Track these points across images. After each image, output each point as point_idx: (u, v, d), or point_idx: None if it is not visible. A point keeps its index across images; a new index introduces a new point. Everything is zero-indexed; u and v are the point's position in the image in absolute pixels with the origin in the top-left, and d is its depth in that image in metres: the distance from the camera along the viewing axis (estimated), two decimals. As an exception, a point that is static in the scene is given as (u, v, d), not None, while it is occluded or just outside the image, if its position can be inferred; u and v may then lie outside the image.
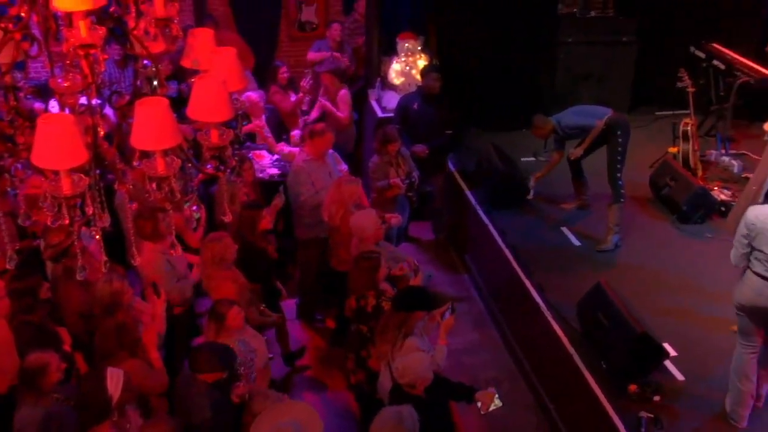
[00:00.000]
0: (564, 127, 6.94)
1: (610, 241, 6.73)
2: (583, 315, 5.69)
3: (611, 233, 6.74)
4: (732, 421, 4.84)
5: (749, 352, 4.75)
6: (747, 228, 4.56)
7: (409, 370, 4.34)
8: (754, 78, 8.09)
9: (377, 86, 8.65)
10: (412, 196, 6.96)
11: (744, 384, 4.76)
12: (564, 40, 9.09)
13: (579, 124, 6.90)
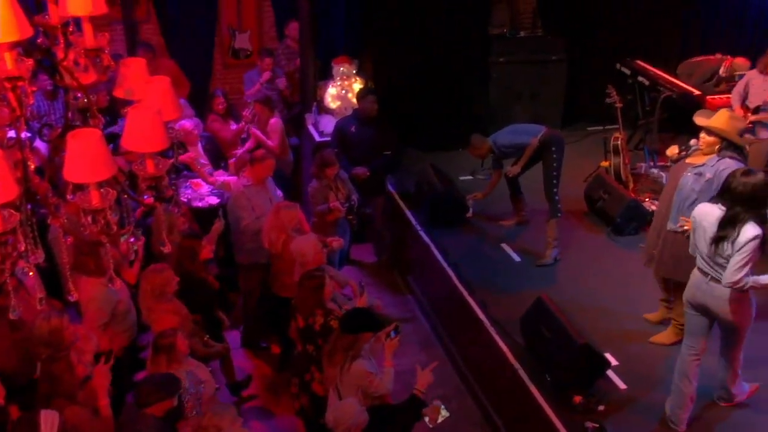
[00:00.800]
0: (500, 146, 7.07)
1: (549, 255, 6.86)
2: (526, 329, 5.76)
3: (550, 248, 6.87)
4: (671, 424, 4.94)
5: (692, 354, 4.88)
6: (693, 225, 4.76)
7: (341, 420, 4.28)
8: (676, 92, 8.40)
9: (314, 111, 8.66)
10: (352, 219, 6.97)
11: (685, 385, 4.88)
12: (496, 60, 9.29)
13: (514, 143, 7.03)
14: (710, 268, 4.63)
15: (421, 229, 7.40)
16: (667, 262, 5.49)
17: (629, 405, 5.22)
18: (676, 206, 5.28)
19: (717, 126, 5.11)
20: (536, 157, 6.98)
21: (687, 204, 5.18)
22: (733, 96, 7.44)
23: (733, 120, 5.16)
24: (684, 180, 5.22)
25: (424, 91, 8.86)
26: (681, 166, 5.37)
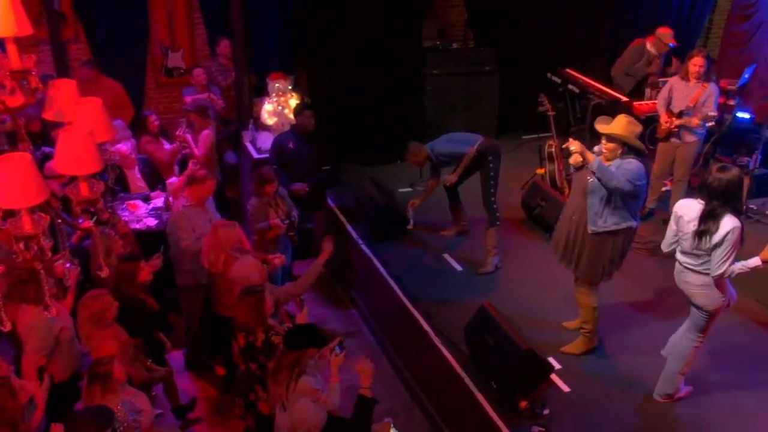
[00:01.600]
0: (437, 155, 7.14)
1: (490, 263, 6.95)
2: (470, 338, 5.81)
3: (491, 256, 6.96)
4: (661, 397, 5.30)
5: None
6: (673, 219, 5.01)
7: (299, 423, 4.26)
8: (605, 99, 8.63)
9: (251, 128, 8.61)
10: (293, 235, 6.93)
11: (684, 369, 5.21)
12: (429, 72, 9.40)
13: (451, 152, 7.11)
14: (686, 259, 4.93)
15: (362, 243, 7.41)
16: (588, 269, 5.56)
17: (574, 407, 5.31)
18: (591, 209, 5.38)
19: (616, 132, 5.26)
20: (473, 167, 7.07)
21: (601, 205, 5.32)
22: (658, 101, 7.67)
23: (631, 125, 5.30)
24: (593, 183, 5.33)
25: (360, 105, 8.89)
26: (585, 171, 5.45)
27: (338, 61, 8.79)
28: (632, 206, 5.37)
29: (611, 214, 5.32)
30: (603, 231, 5.37)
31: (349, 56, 8.75)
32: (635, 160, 5.27)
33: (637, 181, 5.23)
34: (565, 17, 9.81)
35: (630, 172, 5.20)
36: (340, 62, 8.79)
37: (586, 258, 5.52)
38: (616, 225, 5.35)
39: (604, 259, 5.47)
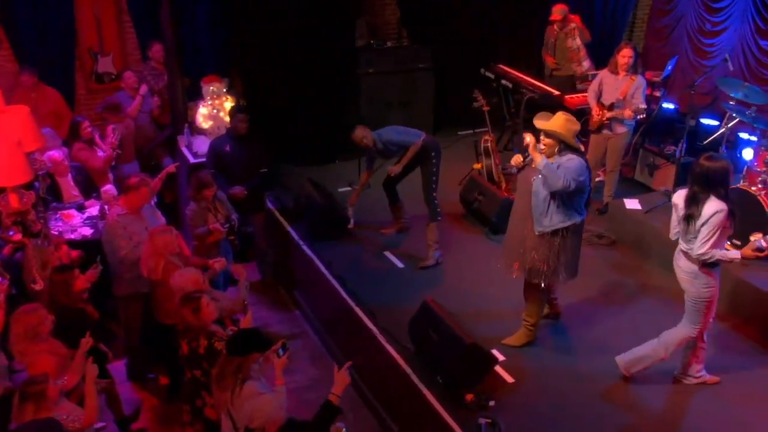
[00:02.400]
0: (385, 142, 7.15)
1: (431, 257, 7.03)
2: (414, 334, 5.86)
3: (432, 250, 7.04)
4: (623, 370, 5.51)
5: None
6: (673, 208, 5.23)
7: (259, 413, 4.27)
8: (537, 93, 8.79)
9: (186, 132, 8.49)
10: (234, 239, 6.87)
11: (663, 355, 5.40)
12: (364, 71, 9.43)
13: (400, 141, 7.16)
14: (682, 244, 5.15)
15: (303, 244, 7.39)
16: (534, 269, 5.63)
17: (517, 397, 5.41)
18: (537, 210, 5.48)
19: (553, 129, 5.37)
20: (416, 161, 7.12)
21: (545, 204, 5.42)
22: (588, 94, 7.84)
23: (569, 122, 5.41)
24: (536, 184, 5.44)
25: (295, 106, 8.87)
26: (529, 171, 5.57)
27: (272, 62, 8.74)
28: (577, 202, 5.46)
29: (556, 213, 5.41)
30: (549, 230, 5.46)
31: (283, 57, 8.71)
32: (575, 156, 5.36)
33: (579, 178, 5.32)
34: (497, 14, 9.96)
35: (572, 170, 5.29)
36: (274, 64, 8.74)
37: (538, 258, 5.57)
38: (562, 223, 5.44)
39: (555, 258, 5.53)
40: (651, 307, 6.49)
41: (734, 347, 5.99)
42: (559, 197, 5.35)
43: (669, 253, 7.01)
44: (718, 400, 5.37)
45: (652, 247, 7.19)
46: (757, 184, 6.54)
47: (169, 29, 8.12)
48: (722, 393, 5.44)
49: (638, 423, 5.19)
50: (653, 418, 5.24)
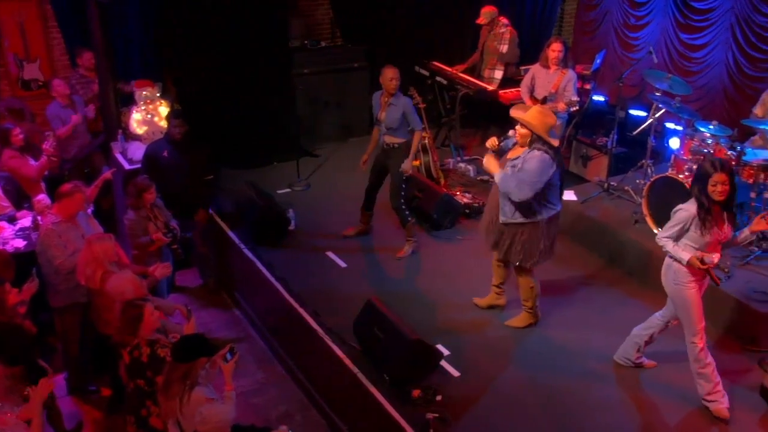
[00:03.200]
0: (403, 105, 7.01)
1: (407, 250, 7.27)
2: (360, 333, 5.89)
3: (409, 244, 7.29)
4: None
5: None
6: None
7: (209, 419, 4.24)
8: (472, 89, 8.93)
9: (120, 138, 8.32)
10: (177, 248, 6.76)
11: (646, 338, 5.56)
12: (299, 71, 9.40)
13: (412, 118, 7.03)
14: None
15: (244, 248, 7.34)
16: (508, 252, 5.84)
17: (464, 390, 5.49)
18: (502, 200, 5.65)
19: (527, 120, 5.50)
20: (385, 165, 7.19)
21: (509, 200, 5.58)
22: (521, 89, 7.99)
23: (542, 115, 5.53)
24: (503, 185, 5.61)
25: (231, 109, 8.79)
26: (504, 162, 5.74)
27: (205, 65, 8.64)
28: (545, 197, 5.59)
29: (519, 210, 5.60)
30: (511, 222, 5.67)
31: (217, 60, 8.63)
32: (539, 153, 5.45)
33: (540, 179, 5.43)
34: (430, 11, 10.04)
35: (530, 173, 5.42)
36: (208, 67, 8.65)
37: (508, 245, 5.79)
38: (523, 218, 5.62)
39: (526, 245, 5.72)
40: (594, 296, 6.67)
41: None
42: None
43: (606, 242, 7.27)
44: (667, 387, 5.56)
45: (590, 236, 7.38)
46: (684, 172, 6.76)
47: (99, 34, 7.94)
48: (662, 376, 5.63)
49: (583, 412, 5.32)
50: (600, 407, 5.38)
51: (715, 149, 6.72)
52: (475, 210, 8.01)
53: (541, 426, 5.16)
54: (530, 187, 5.44)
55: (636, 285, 6.80)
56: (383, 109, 7.03)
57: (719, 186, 4.75)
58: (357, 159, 7.57)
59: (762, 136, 7.08)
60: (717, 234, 4.90)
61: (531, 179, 5.43)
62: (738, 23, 9.09)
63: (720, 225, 4.90)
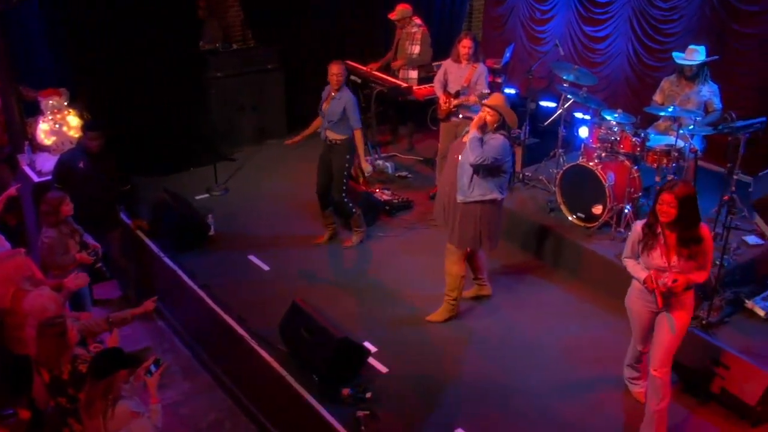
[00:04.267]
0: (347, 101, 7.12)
1: (355, 240, 7.43)
2: (286, 335, 5.88)
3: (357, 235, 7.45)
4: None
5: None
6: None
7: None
8: (386, 87, 9.00)
9: (27, 150, 8.02)
10: (101, 267, 6.56)
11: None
12: (213, 75, 9.29)
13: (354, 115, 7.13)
14: None
15: (164, 256, 7.21)
16: (462, 235, 5.95)
17: (393, 386, 5.55)
18: (461, 180, 5.79)
19: (505, 111, 5.76)
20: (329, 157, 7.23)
21: (469, 176, 5.74)
22: (435, 84, 8.09)
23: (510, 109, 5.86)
24: (463, 156, 5.76)
25: (144, 116, 8.61)
26: (459, 144, 5.94)
27: (115, 72, 8.43)
28: (497, 180, 5.79)
29: (478, 186, 5.75)
30: (470, 201, 5.79)
31: (127, 67, 8.43)
32: (502, 138, 5.72)
33: (498, 156, 5.66)
34: (342, 11, 10.06)
35: (493, 148, 5.64)
36: (118, 74, 8.44)
37: (458, 226, 5.91)
38: (482, 196, 5.78)
39: (475, 227, 5.87)
40: (513, 284, 6.84)
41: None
42: (483, 172, 5.69)
43: (523, 231, 7.46)
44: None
45: (507, 226, 7.53)
46: (594, 160, 7.01)
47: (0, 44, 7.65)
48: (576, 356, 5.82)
49: (508, 398, 5.46)
50: (526, 392, 5.52)
51: (621, 136, 6.99)
52: (395, 206, 8.09)
53: (468, 414, 5.27)
54: (492, 157, 5.63)
55: (552, 271, 7.02)
56: (327, 102, 7.11)
57: (664, 206, 4.59)
58: (275, 161, 7.61)
59: (664, 121, 7.40)
60: (659, 260, 4.70)
61: (496, 153, 5.66)
62: (635, 15, 9.46)
63: (667, 252, 4.68)
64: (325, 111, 7.12)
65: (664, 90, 7.40)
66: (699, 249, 4.67)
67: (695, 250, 4.66)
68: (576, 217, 7.15)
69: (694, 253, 4.66)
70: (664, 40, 9.15)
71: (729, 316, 6.27)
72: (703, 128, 6.92)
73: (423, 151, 9.54)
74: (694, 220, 4.67)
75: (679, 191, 4.60)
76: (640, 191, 7.01)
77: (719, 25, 8.56)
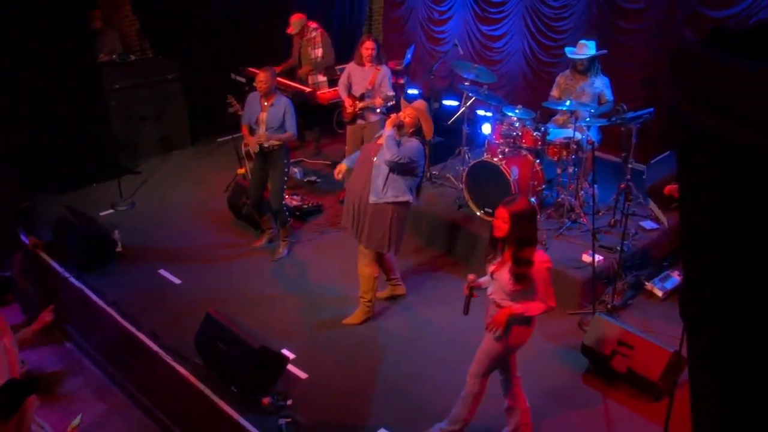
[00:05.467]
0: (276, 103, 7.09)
1: (282, 251, 7.36)
2: (202, 348, 5.80)
3: (284, 245, 7.38)
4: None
5: None
6: None
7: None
8: (290, 92, 8.98)
9: None
10: (11, 297, 6.31)
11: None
12: (111, 87, 9.05)
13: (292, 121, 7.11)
14: None
15: (69, 276, 6.98)
16: (371, 235, 5.98)
17: (314, 391, 5.57)
18: (375, 181, 5.82)
19: (418, 107, 5.89)
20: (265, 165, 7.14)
21: (384, 177, 5.79)
22: (339, 87, 8.14)
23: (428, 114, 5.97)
24: (379, 157, 5.82)
25: (42, 131, 8.32)
26: (372, 146, 6.00)
27: (8, 87, 8.11)
28: (410, 182, 5.87)
29: (391, 188, 5.80)
30: (382, 202, 5.83)
31: (21, 81, 8.12)
32: (417, 141, 5.82)
33: (414, 157, 5.75)
34: (240, 17, 9.98)
35: (410, 149, 5.74)
36: (11, 89, 8.12)
37: (368, 227, 5.92)
38: (395, 197, 5.82)
39: (385, 228, 5.90)
40: (428, 282, 6.94)
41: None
42: (397, 173, 5.76)
43: (434, 230, 7.59)
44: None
45: (419, 226, 7.65)
46: (498, 155, 7.20)
47: None
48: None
49: (428, 396, 5.55)
50: (445, 391, 5.63)
51: (523, 131, 7.22)
52: (305, 211, 8.10)
53: (390, 414, 5.34)
54: (408, 157, 5.72)
55: (464, 266, 7.16)
56: (264, 110, 7.01)
57: (498, 220, 4.48)
58: (180, 172, 7.47)
59: (562, 115, 7.68)
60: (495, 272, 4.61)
61: (412, 154, 5.76)
62: (528, 14, 9.77)
63: (501, 266, 4.56)
64: (265, 119, 7.01)
65: (560, 85, 7.69)
66: (528, 273, 4.43)
67: (524, 273, 4.43)
68: (484, 212, 7.33)
69: (522, 276, 4.44)
70: (557, 37, 9.48)
71: (632, 298, 6.58)
72: (598, 120, 7.23)
73: (330, 155, 9.57)
74: (525, 240, 4.45)
75: (513, 207, 4.45)
76: (543, 184, 7.26)
77: (606, 22, 8.94)
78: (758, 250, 1.89)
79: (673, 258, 7.03)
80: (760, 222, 1.86)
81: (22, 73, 8.16)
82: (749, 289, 1.95)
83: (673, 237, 7.05)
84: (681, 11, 8.26)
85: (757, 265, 1.91)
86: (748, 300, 1.96)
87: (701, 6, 8.05)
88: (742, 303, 1.99)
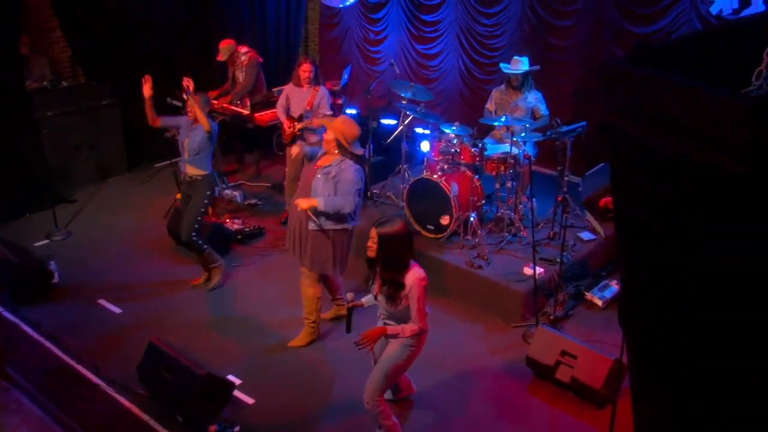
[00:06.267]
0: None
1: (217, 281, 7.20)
2: (146, 378, 5.68)
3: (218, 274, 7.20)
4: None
5: None
6: None
7: None
8: (228, 115, 8.94)
9: None
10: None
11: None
12: (43, 114, 8.84)
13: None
14: None
15: (3, 311, 6.77)
16: (314, 258, 5.92)
17: (262, 416, 5.51)
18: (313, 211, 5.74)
19: (335, 126, 5.75)
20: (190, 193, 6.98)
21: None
22: (278, 109, 8.12)
23: (344, 125, 5.80)
24: (316, 182, 5.75)
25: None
26: (311, 170, 5.88)
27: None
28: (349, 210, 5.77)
29: (328, 218, 5.74)
30: (322, 229, 5.78)
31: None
32: (351, 163, 5.71)
33: (356, 186, 5.68)
34: (176, 41, 9.88)
35: (350, 183, 5.65)
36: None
37: (311, 250, 5.87)
38: (334, 226, 5.77)
39: (328, 252, 5.85)
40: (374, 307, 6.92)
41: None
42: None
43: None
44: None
45: (361, 246, 7.64)
46: (438, 172, 7.28)
47: None
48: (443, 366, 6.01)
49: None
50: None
51: (461, 148, 7.32)
52: (246, 235, 8.03)
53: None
54: (355, 195, 5.69)
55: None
56: (188, 135, 6.93)
57: (369, 241, 4.64)
58: (118, 199, 7.32)
59: (499, 130, 7.82)
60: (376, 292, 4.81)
61: (353, 188, 5.68)
62: (462, 33, 9.95)
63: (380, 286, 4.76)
64: (187, 146, 6.88)
65: (495, 100, 7.84)
66: (400, 294, 4.59)
67: (395, 294, 4.59)
68: (426, 229, 7.39)
69: (394, 296, 4.60)
70: (490, 54, 9.67)
71: (573, 309, 6.71)
72: (533, 134, 7.38)
73: (271, 177, 9.54)
74: (394, 263, 4.56)
75: (383, 230, 4.55)
76: (482, 199, 7.37)
77: (538, 39, 9.16)
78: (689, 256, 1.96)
79: (611, 267, 7.20)
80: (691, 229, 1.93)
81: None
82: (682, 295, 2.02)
83: (610, 247, 7.23)
84: (608, 28, 8.53)
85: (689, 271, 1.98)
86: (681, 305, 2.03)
87: (626, 23, 8.32)
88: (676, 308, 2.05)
